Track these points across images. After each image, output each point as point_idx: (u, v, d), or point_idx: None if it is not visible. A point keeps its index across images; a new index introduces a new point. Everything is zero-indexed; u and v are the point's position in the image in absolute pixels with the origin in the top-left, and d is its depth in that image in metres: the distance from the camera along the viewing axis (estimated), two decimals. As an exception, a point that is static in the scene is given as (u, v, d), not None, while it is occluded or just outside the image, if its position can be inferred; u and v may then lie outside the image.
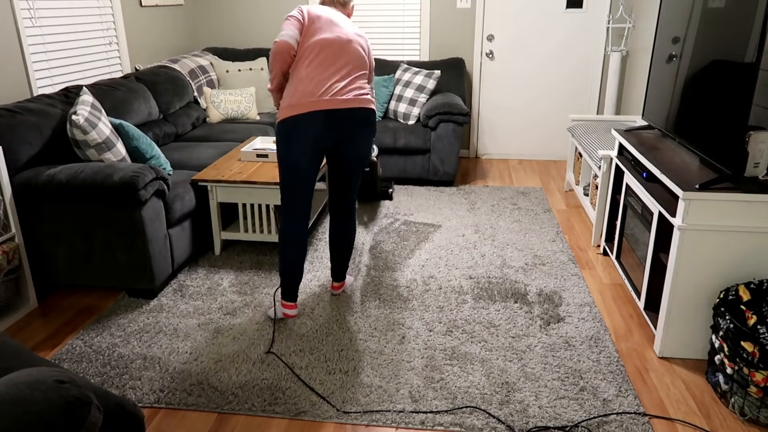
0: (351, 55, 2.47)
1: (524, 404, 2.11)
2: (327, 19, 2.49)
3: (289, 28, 2.44)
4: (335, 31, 2.47)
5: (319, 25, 2.46)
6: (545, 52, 5.01)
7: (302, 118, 2.37)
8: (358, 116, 2.45)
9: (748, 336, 1.95)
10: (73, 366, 2.35)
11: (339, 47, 2.45)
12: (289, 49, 2.43)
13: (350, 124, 2.45)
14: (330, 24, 2.48)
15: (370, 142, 2.57)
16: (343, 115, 2.41)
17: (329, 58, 2.43)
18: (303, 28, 2.47)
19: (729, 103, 2.12)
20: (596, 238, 3.44)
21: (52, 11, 3.51)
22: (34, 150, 2.83)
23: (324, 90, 2.38)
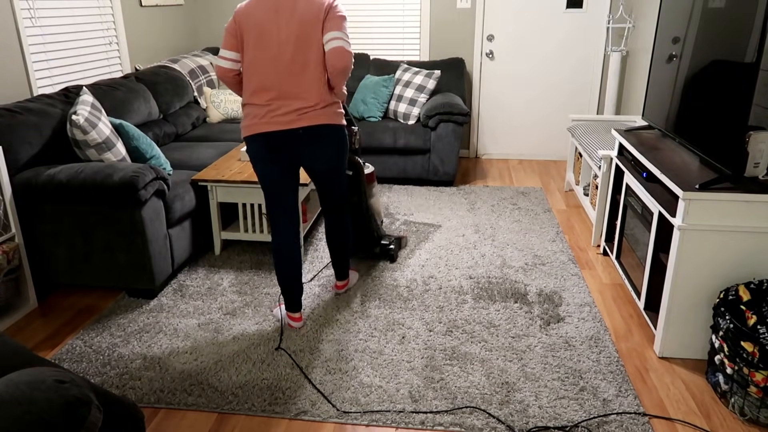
0: (287, 69, 2.27)
1: (524, 404, 2.11)
2: (258, 25, 2.26)
3: (225, 50, 2.32)
4: (265, 43, 2.26)
5: (249, 33, 2.27)
6: (545, 52, 5.01)
7: (251, 139, 2.36)
8: (303, 134, 2.34)
9: (748, 336, 1.95)
10: (73, 366, 2.35)
11: (270, 65, 2.27)
12: (228, 73, 2.35)
13: (295, 143, 2.35)
14: (261, 32, 2.26)
15: (328, 155, 2.42)
16: (286, 136, 2.33)
17: (265, 78, 2.28)
18: (237, 41, 2.31)
19: (729, 103, 2.12)
20: (596, 238, 3.44)
21: (52, 11, 3.51)
22: (34, 150, 2.83)
23: (264, 112, 2.31)
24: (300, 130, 2.32)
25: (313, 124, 2.33)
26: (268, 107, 2.30)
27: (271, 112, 2.30)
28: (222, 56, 2.33)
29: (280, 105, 2.30)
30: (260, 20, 2.26)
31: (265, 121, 2.31)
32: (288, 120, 2.30)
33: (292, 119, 2.31)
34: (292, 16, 2.26)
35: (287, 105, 2.30)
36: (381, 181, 4.56)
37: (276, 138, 2.32)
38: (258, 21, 2.26)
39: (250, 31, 2.27)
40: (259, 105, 2.31)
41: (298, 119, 2.31)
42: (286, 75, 2.29)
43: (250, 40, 2.28)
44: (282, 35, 2.26)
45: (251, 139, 2.35)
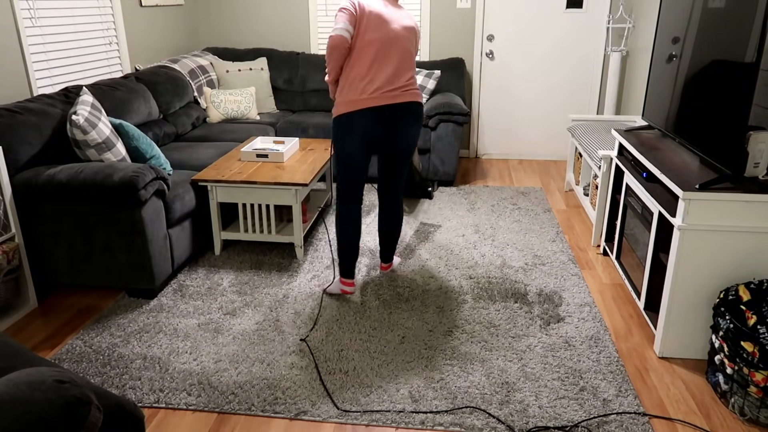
0: (398, 53, 2.60)
1: (524, 404, 2.11)
2: (376, 14, 2.57)
3: (343, 22, 2.55)
4: (383, 28, 2.57)
5: (369, 21, 2.56)
6: (545, 52, 5.01)
7: (356, 114, 2.58)
8: (406, 110, 2.64)
9: (748, 336, 1.95)
10: (73, 366, 2.35)
11: (387, 46, 2.58)
12: (344, 43, 2.56)
13: (398, 118, 2.64)
14: (379, 21, 2.57)
15: (417, 132, 2.74)
16: (391, 110, 2.61)
17: (378, 58, 2.57)
18: (356, 21, 2.56)
19: (729, 103, 2.12)
20: (596, 238, 3.44)
21: (52, 11, 3.51)
22: (34, 150, 2.83)
23: (375, 88, 2.57)
24: (405, 105, 2.64)
25: (415, 101, 2.67)
26: (380, 84, 2.58)
27: (385, 89, 2.58)
28: (345, 29, 2.55)
29: (392, 82, 2.60)
30: (379, 10, 2.59)
31: (376, 96, 2.58)
32: (398, 95, 2.61)
33: (401, 94, 2.62)
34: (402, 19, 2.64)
35: (398, 82, 2.61)
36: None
37: (386, 111, 2.61)
38: (377, 10, 2.59)
39: (372, 16, 2.57)
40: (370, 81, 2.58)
41: (403, 95, 2.63)
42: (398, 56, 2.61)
43: (371, 23, 2.56)
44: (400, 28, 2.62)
45: (359, 113, 2.58)
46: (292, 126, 4.43)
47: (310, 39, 5.20)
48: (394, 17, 2.62)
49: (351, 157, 2.66)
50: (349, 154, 2.66)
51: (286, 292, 2.89)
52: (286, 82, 4.98)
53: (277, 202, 3.14)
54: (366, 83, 2.57)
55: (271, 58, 4.98)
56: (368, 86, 2.58)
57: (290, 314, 2.70)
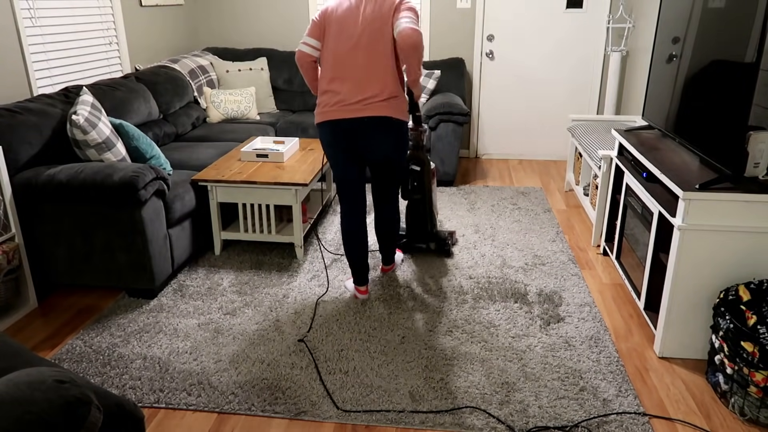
0: (358, 64, 2.46)
1: (524, 404, 2.11)
2: (339, 17, 2.48)
3: (307, 37, 2.53)
4: (343, 34, 2.46)
5: (331, 25, 2.49)
6: (545, 52, 5.01)
7: (323, 126, 2.55)
8: (370, 124, 2.51)
9: (748, 336, 1.95)
10: (73, 366, 2.35)
11: (347, 57, 2.47)
12: (306, 58, 2.54)
13: (364, 132, 2.52)
14: (339, 24, 2.47)
15: (390, 146, 2.59)
16: (354, 124, 2.51)
17: (336, 69, 2.48)
18: (321, 31, 2.52)
19: (729, 103, 2.12)
20: (596, 238, 3.44)
21: (52, 11, 3.51)
22: (34, 150, 2.83)
23: (336, 101, 2.49)
24: (365, 119, 2.49)
25: (376, 115, 2.49)
26: (339, 96, 2.49)
27: (341, 102, 2.48)
28: (305, 42, 2.53)
29: (351, 95, 2.47)
30: (343, 15, 2.48)
31: (335, 109, 2.49)
32: (355, 109, 2.48)
33: (358, 108, 2.48)
34: (369, 11, 2.46)
35: (358, 94, 2.47)
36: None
37: (343, 125, 2.51)
38: (340, 15, 2.49)
39: (333, 24, 2.48)
40: (333, 93, 2.50)
41: (363, 109, 2.48)
42: (359, 66, 2.46)
43: (332, 32, 2.48)
44: (359, 29, 2.46)
45: (323, 125, 2.55)
46: (292, 126, 4.43)
47: (310, 39, 5.19)
48: (356, 15, 2.46)
49: (334, 164, 2.65)
50: (331, 161, 2.65)
51: (286, 292, 2.89)
52: (286, 82, 4.98)
53: (277, 202, 3.15)
54: (329, 95, 2.51)
55: (271, 58, 4.98)
56: (331, 98, 2.51)
57: (290, 314, 2.70)
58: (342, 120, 2.50)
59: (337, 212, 3.91)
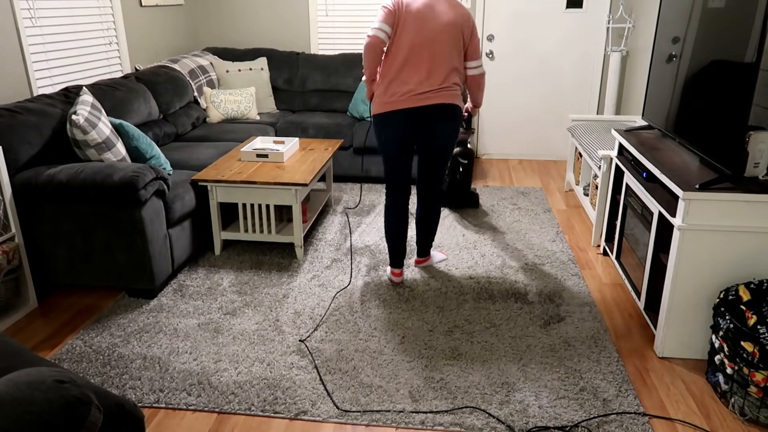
0: (431, 55, 2.59)
1: (524, 404, 2.11)
2: (415, 13, 2.58)
3: (380, 22, 2.58)
4: (419, 30, 2.57)
5: (407, 21, 2.58)
6: (545, 52, 5.01)
7: (388, 115, 2.65)
8: (437, 111, 2.65)
9: (748, 336, 1.95)
10: (73, 366, 2.35)
11: (420, 49, 2.59)
12: (380, 44, 2.59)
13: (430, 119, 2.67)
14: (416, 21, 2.58)
15: (450, 132, 2.73)
16: (422, 112, 2.64)
17: (410, 60, 2.60)
18: (394, 20, 2.59)
19: (729, 103, 2.12)
20: (596, 238, 3.44)
21: (52, 11, 3.51)
22: (34, 150, 2.83)
23: (406, 90, 2.61)
24: (433, 107, 2.64)
25: (445, 102, 2.64)
26: (409, 86, 2.61)
27: (415, 92, 2.61)
28: (380, 28, 2.58)
29: (423, 84, 2.61)
30: (422, 12, 2.60)
31: (404, 98, 2.61)
32: (427, 97, 2.62)
33: (431, 96, 2.62)
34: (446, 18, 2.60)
35: (431, 84, 2.61)
36: (381, 181, 4.56)
37: (415, 113, 2.64)
38: (420, 11, 2.59)
39: (411, 18, 2.58)
40: (402, 83, 2.62)
41: (433, 97, 2.62)
42: (434, 57, 2.60)
43: (409, 25, 2.58)
44: (438, 28, 2.59)
45: (391, 114, 2.65)
46: (292, 126, 4.43)
47: (310, 39, 5.20)
48: (436, 14, 2.59)
49: (387, 153, 2.76)
50: (385, 150, 2.76)
51: (286, 292, 2.89)
52: (286, 82, 4.98)
53: (277, 202, 3.15)
54: (397, 85, 2.62)
55: (271, 58, 4.98)
56: (399, 88, 2.62)
57: (290, 314, 2.70)
58: (412, 108, 2.63)
59: (338, 212, 3.91)
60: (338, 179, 4.60)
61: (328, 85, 4.93)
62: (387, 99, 2.64)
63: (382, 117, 2.68)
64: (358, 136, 4.33)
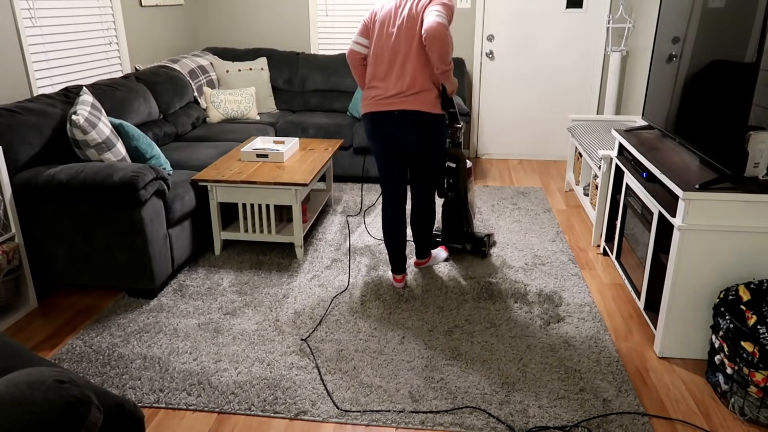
0: (392, 59, 2.61)
1: (524, 404, 2.11)
2: (381, 18, 2.64)
3: (358, 36, 2.70)
4: (382, 31, 2.63)
5: (376, 27, 2.65)
6: (545, 52, 5.01)
7: (366, 116, 2.73)
8: (403, 118, 2.63)
9: (748, 336, 1.95)
10: (73, 366, 2.35)
11: (384, 51, 2.63)
12: (355, 56, 2.71)
13: (396, 125, 2.66)
14: (381, 24, 2.63)
15: (420, 140, 2.68)
16: (387, 117, 2.66)
17: (376, 65, 2.66)
18: (369, 30, 2.68)
19: (729, 103, 2.12)
20: (596, 238, 3.44)
21: (52, 11, 3.51)
22: (34, 150, 2.83)
23: (374, 95, 2.66)
24: (396, 113, 2.63)
25: (406, 109, 2.61)
26: (378, 90, 2.65)
27: (378, 96, 2.65)
28: (356, 41, 2.70)
29: (386, 89, 2.63)
30: (384, 15, 2.64)
31: (373, 102, 2.67)
32: (389, 103, 2.63)
33: (391, 102, 2.63)
34: (406, 12, 2.58)
35: (393, 88, 2.62)
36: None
37: (380, 117, 2.67)
38: (382, 16, 2.64)
39: (376, 24, 2.65)
40: (374, 87, 2.68)
41: (395, 102, 2.62)
42: (394, 62, 2.62)
43: (375, 31, 2.66)
44: (395, 28, 2.60)
45: (365, 117, 2.74)
46: (292, 126, 4.43)
47: (310, 39, 5.20)
48: (395, 16, 2.61)
49: (375, 155, 2.81)
50: (373, 152, 2.82)
51: (286, 292, 2.89)
52: (286, 82, 4.98)
53: (277, 202, 3.15)
54: (369, 89, 2.69)
55: (271, 58, 4.98)
56: (370, 92, 2.69)
57: (290, 314, 2.70)
58: (378, 113, 2.67)
59: (338, 212, 3.91)
60: (338, 179, 4.60)
61: (328, 85, 4.93)
62: (364, 102, 2.72)
63: (363, 118, 2.76)
64: (358, 136, 4.33)
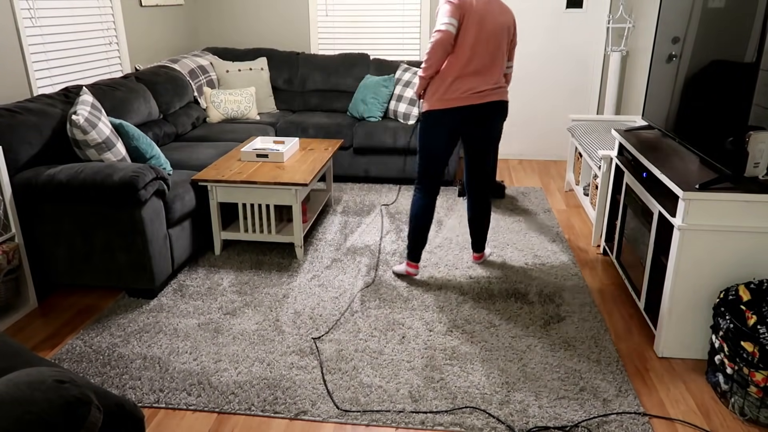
0: (490, 53, 2.68)
1: (524, 404, 2.11)
2: (477, 10, 2.63)
3: (449, 18, 2.60)
4: (484, 26, 2.64)
5: (471, 17, 2.62)
6: (545, 52, 5.01)
7: (447, 112, 2.70)
8: (493, 108, 2.75)
9: (748, 336, 1.95)
10: (73, 366, 2.35)
11: (482, 46, 2.65)
12: (450, 39, 2.62)
13: (485, 116, 2.75)
14: (479, 18, 2.63)
15: (501, 127, 2.87)
16: (479, 109, 2.72)
17: (473, 57, 2.65)
18: (460, 15, 2.62)
19: (729, 103, 2.12)
20: (596, 238, 3.44)
21: (52, 11, 3.51)
22: (34, 150, 2.83)
23: (467, 88, 2.67)
24: (491, 104, 2.74)
25: (500, 99, 2.77)
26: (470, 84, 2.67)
27: (474, 91, 2.68)
28: (450, 23, 2.61)
29: (481, 83, 2.68)
30: (482, 12, 2.65)
31: (466, 95, 2.68)
32: (485, 94, 2.70)
33: (488, 94, 2.71)
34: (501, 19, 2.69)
35: (487, 83, 2.70)
36: (381, 181, 4.56)
37: (473, 110, 2.72)
38: (481, 11, 2.64)
39: (474, 17, 2.63)
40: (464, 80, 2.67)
41: (490, 94, 2.72)
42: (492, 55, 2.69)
43: (472, 24, 2.63)
44: (495, 28, 2.68)
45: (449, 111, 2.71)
46: (292, 126, 4.43)
47: (310, 39, 5.20)
48: (493, 14, 2.66)
49: (433, 152, 2.80)
50: (431, 148, 2.80)
51: (286, 292, 2.89)
52: (286, 82, 4.98)
53: (277, 202, 3.15)
54: (459, 82, 2.67)
55: (271, 58, 4.98)
56: (462, 85, 2.67)
57: (290, 314, 2.70)
58: (471, 106, 2.70)
59: (338, 212, 3.91)
60: (338, 179, 4.60)
61: (328, 85, 4.93)
62: (448, 96, 2.68)
63: (439, 114, 2.72)
64: (358, 136, 4.34)
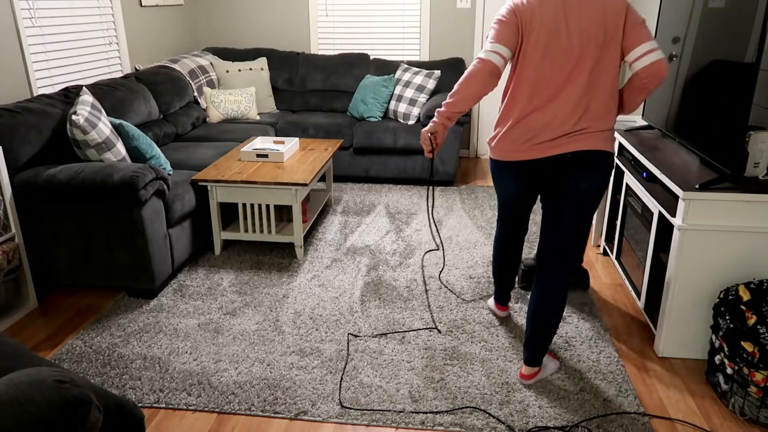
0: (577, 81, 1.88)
1: (524, 404, 2.11)
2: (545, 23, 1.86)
3: (497, 44, 1.90)
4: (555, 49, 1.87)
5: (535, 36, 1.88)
6: (545, 52, 5.00)
7: (505, 164, 2.09)
8: (574, 159, 1.97)
9: (748, 336, 1.95)
10: (73, 366, 2.35)
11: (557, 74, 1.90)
12: (491, 71, 1.90)
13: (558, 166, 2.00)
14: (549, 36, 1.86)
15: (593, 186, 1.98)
16: (550, 162, 2.00)
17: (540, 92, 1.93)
18: (517, 36, 1.91)
19: (729, 103, 2.12)
20: (596, 238, 3.44)
21: (52, 11, 3.51)
22: (34, 150, 2.83)
23: (528, 138, 1.98)
24: (569, 155, 1.96)
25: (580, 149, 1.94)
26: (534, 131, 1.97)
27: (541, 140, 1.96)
28: (493, 50, 1.89)
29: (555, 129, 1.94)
30: (550, 20, 1.86)
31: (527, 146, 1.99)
32: (558, 145, 1.95)
33: (563, 144, 1.94)
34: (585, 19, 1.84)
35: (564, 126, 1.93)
36: (381, 181, 4.56)
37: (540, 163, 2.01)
38: (547, 21, 1.86)
39: (536, 32, 1.87)
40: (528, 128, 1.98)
41: (566, 144, 1.94)
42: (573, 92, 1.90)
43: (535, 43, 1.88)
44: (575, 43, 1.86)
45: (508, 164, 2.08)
46: (292, 126, 4.43)
47: (310, 39, 5.20)
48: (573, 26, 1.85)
49: (503, 196, 2.28)
50: (501, 193, 2.26)
51: (286, 292, 2.89)
52: (286, 82, 4.98)
53: (277, 202, 3.15)
54: (520, 129, 1.99)
55: (271, 58, 4.98)
56: (522, 134, 1.99)
57: (290, 314, 2.70)
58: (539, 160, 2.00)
59: (338, 212, 3.91)
60: (338, 179, 4.60)
61: (328, 85, 4.93)
62: (505, 146, 2.04)
63: (498, 165, 2.12)
64: (358, 136, 4.34)
